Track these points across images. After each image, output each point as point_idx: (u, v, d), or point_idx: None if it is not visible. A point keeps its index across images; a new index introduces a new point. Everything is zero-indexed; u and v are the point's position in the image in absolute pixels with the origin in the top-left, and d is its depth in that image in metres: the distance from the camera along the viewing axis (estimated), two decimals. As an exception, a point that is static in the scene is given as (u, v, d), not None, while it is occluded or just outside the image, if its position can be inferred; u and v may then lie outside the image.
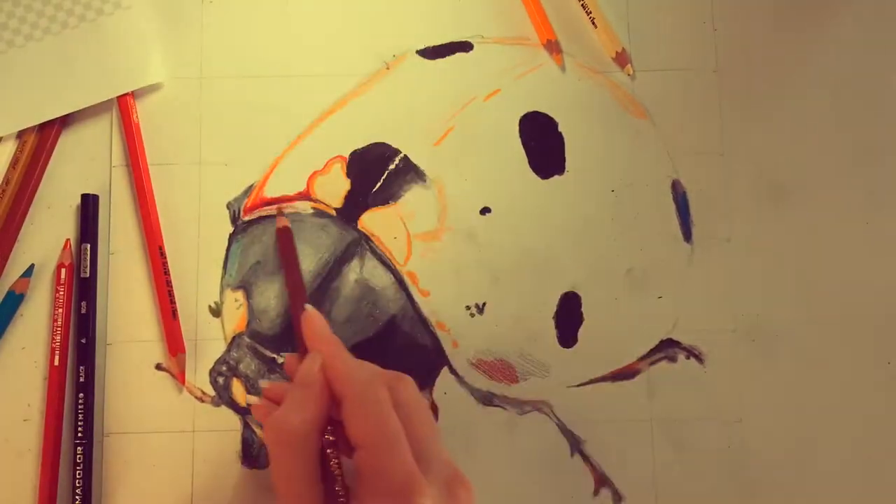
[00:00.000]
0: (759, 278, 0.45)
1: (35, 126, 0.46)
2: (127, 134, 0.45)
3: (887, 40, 0.47)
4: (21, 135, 0.46)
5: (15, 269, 0.45)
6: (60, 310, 0.44)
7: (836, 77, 0.47)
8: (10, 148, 0.46)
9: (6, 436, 0.44)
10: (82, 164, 0.46)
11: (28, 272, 0.45)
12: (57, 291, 0.44)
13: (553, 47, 0.46)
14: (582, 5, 0.47)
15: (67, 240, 0.45)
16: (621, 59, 0.46)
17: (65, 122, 0.46)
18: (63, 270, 0.44)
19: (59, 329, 0.44)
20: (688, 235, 0.45)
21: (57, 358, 0.44)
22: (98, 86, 0.46)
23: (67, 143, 0.46)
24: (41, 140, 0.46)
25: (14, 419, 0.44)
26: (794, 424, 0.44)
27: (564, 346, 0.44)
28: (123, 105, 0.46)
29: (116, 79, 0.46)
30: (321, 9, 0.47)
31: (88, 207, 0.45)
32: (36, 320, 0.45)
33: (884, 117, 0.47)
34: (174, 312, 0.44)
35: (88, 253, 0.45)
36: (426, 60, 0.47)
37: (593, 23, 0.46)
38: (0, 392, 0.44)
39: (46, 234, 0.45)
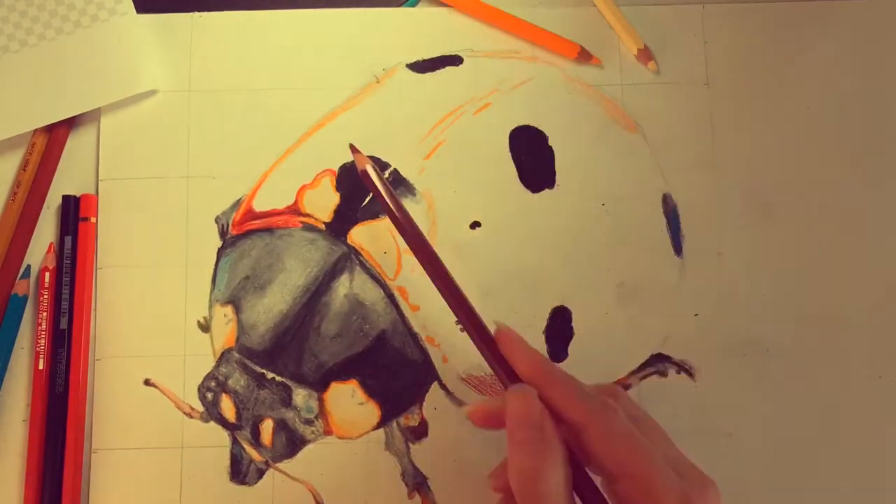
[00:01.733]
0: (751, 292, 0.45)
1: (45, 128, 0.45)
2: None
3: (877, 53, 0.47)
4: (31, 137, 0.46)
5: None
6: (45, 313, 0.44)
7: (826, 90, 0.47)
8: (18, 151, 0.46)
9: (5, 435, 0.43)
10: (77, 170, 0.46)
11: (26, 273, 0.45)
12: (41, 295, 0.44)
13: (644, 55, 0.46)
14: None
15: (51, 243, 0.45)
16: (643, 56, 0.46)
17: (72, 123, 0.46)
18: (47, 274, 0.44)
19: (43, 333, 0.44)
20: (679, 249, 0.45)
21: (41, 362, 0.43)
22: (93, 92, 0.45)
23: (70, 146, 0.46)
24: (50, 141, 0.46)
25: (13, 419, 0.44)
26: (785, 439, 0.44)
27: (555, 361, 0.44)
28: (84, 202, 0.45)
29: (111, 85, 0.45)
30: (311, 22, 0.47)
31: (69, 208, 0.45)
32: (35, 321, 0.45)
33: (875, 130, 0.47)
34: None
35: (68, 245, 0.45)
36: (416, 74, 0.47)
37: (611, 25, 0.46)
38: (3, 392, 0.44)
39: (47, 235, 0.46)
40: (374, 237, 0.45)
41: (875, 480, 0.44)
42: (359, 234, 0.45)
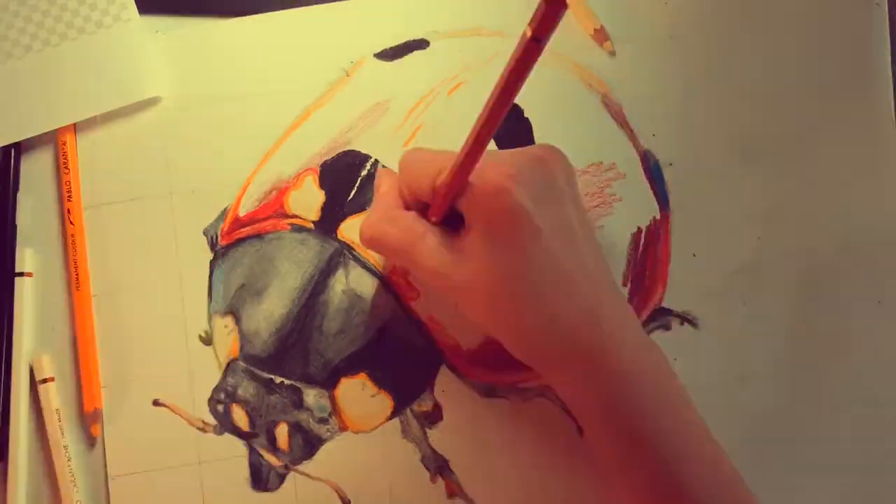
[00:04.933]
0: (742, 236, 0.45)
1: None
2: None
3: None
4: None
5: None
6: None
7: (792, 31, 0.47)
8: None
9: None
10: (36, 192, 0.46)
11: None
12: None
13: (600, 35, 0.46)
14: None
15: None
16: (599, 36, 0.46)
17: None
18: None
19: None
20: (665, 203, 0.46)
21: None
22: (97, 98, 0.45)
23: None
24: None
25: None
26: (792, 379, 0.45)
27: (558, 329, 0.44)
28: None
29: (115, 91, 0.45)
30: (274, 24, 0.47)
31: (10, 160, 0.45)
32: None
33: (842, 67, 0.47)
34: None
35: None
36: (385, 62, 0.46)
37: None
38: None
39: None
40: (364, 230, 0.45)
41: (883, 414, 0.44)
42: (349, 229, 0.45)
